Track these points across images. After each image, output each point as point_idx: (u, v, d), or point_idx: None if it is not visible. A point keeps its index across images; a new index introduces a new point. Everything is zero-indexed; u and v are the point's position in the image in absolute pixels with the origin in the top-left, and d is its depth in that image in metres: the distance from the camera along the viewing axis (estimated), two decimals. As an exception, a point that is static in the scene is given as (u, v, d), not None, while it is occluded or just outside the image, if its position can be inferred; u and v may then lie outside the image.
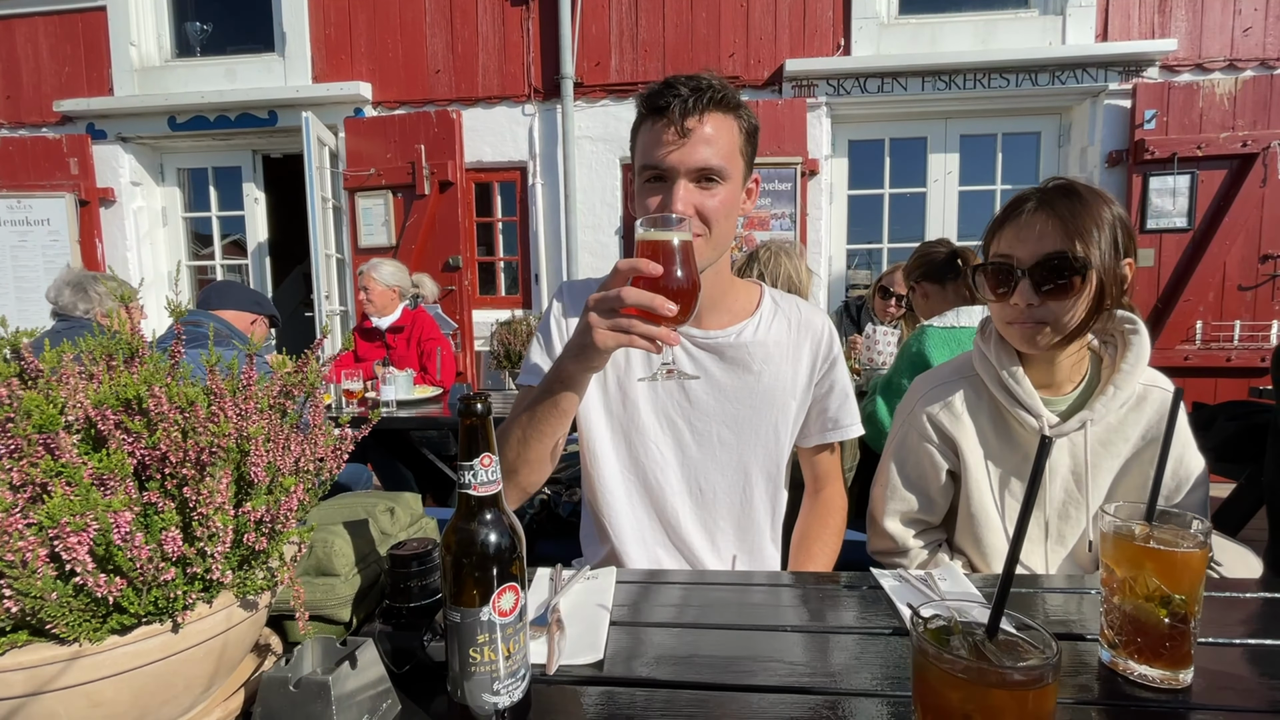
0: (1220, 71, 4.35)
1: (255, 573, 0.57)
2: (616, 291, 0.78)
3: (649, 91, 0.97)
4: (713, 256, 1.01)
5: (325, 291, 4.77)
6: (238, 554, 0.55)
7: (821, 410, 1.15)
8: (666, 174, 0.96)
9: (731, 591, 0.90)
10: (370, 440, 3.09)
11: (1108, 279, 0.95)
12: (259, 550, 0.55)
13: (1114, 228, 0.95)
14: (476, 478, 0.58)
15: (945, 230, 4.87)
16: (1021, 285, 0.97)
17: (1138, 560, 0.65)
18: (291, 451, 0.65)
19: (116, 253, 5.21)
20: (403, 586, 0.73)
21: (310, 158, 4.54)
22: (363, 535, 0.83)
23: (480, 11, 4.83)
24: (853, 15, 4.57)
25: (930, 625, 0.46)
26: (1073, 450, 1.05)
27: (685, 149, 0.94)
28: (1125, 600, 0.66)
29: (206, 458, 0.52)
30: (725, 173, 0.96)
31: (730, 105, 0.97)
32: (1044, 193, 0.99)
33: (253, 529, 0.55)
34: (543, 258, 4.98)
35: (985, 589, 0.89)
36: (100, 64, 5.11)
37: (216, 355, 0.59)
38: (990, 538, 1.07)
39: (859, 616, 0.81)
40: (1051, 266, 0.95)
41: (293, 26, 4.95)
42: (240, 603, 0.56)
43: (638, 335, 0.78)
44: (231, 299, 2.18)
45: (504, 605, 0.58)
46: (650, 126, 0.97)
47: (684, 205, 0.94)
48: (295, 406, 0.67)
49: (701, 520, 1.12)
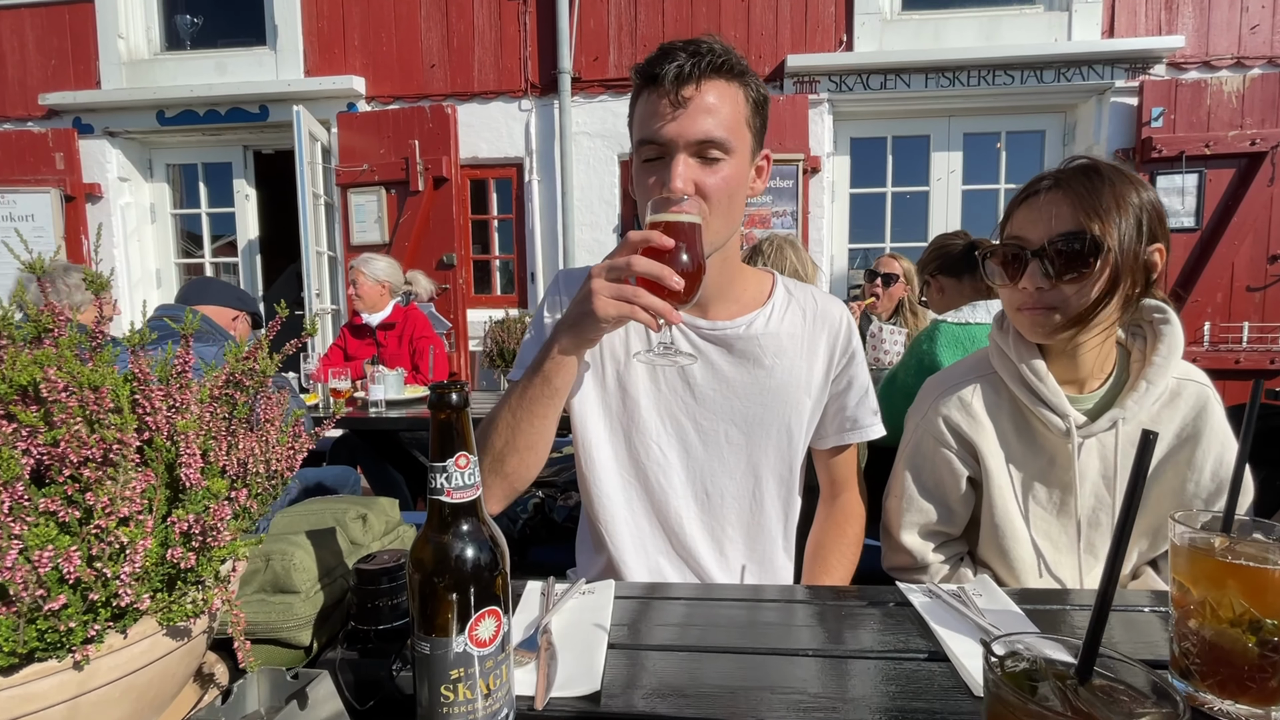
0: (1228, 69, 4.29)
1: (185, 595, 0.47)
2: (626, 259, 0.76)
3: (645, 60, 0.88)
4: (718, 239, 0.92)
5: (316, 289, 4.67)
6: (162, 572, 0.46)
7: (840, 409, 1.06)
8: (665, 148, 0.87)
9: (742, 609, 0.81)
10: (359, 442, 2.99)
11: (1126, 262, 0.87)
12: (187, 568, 0.46)
13: (1140, 210, 0.87)
14: (450, 481, 0.49)
15: (949, 229, 4.80)
16: (1030, 268, 0.90)
17: (1219, 578, 0.56)
18: (239, 451, 0.55)
19: (104, 249, 5.10)
20: (370, 606, 0.63)
21: (301, 152, 4.44)
22: (329, 546, 0.74)
23: (476, 5, 4.75)
24: (855, 11, 4.49)
25: (1009, 667, 0.37)
26: (1102, 452, 0.96)
27: (684, 119, 0.85)
28: (1205, 625, 0.57)
29: (114, 455, 0.42)
30: (729, 145, 0.87)
31: (734, 71, 0.88)
32: (1063, 171, 0.91)
33: (179, 543, 0.46)
34: (539, 256, 4.88)
35: (1024, 605, 0.80)
36: (87, 57, 5.00)
37: (143, 332, 0.50)
38: (1017, 549, 0.99)
39: (887, 638, 0.72)
40: (1061, 248, 0.87)
41: (284, 19, 4.86)
42: (166, 631, 0.47)
43: (641, 306, 0.76)
44: (211, 295, 2.08)
45: (482, 634, 0.49)
46: (646, 97, 0.89)
47: (683, 182, 0.85)
48: (247, 399, 0.58)
49: (708, 527, 1.03)
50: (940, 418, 1.02)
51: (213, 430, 0.54)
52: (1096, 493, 0.98)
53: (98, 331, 0.52)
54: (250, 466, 0.55)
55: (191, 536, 0.46)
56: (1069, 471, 0.97)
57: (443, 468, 0.49)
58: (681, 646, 0.71)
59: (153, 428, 0.47)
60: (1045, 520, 1.00)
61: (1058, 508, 0.99)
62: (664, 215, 0.80)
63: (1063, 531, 1.00)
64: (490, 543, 0.51)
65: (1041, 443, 0.99)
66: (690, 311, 1.00)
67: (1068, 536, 1.00)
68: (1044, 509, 1.00)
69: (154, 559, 0.46)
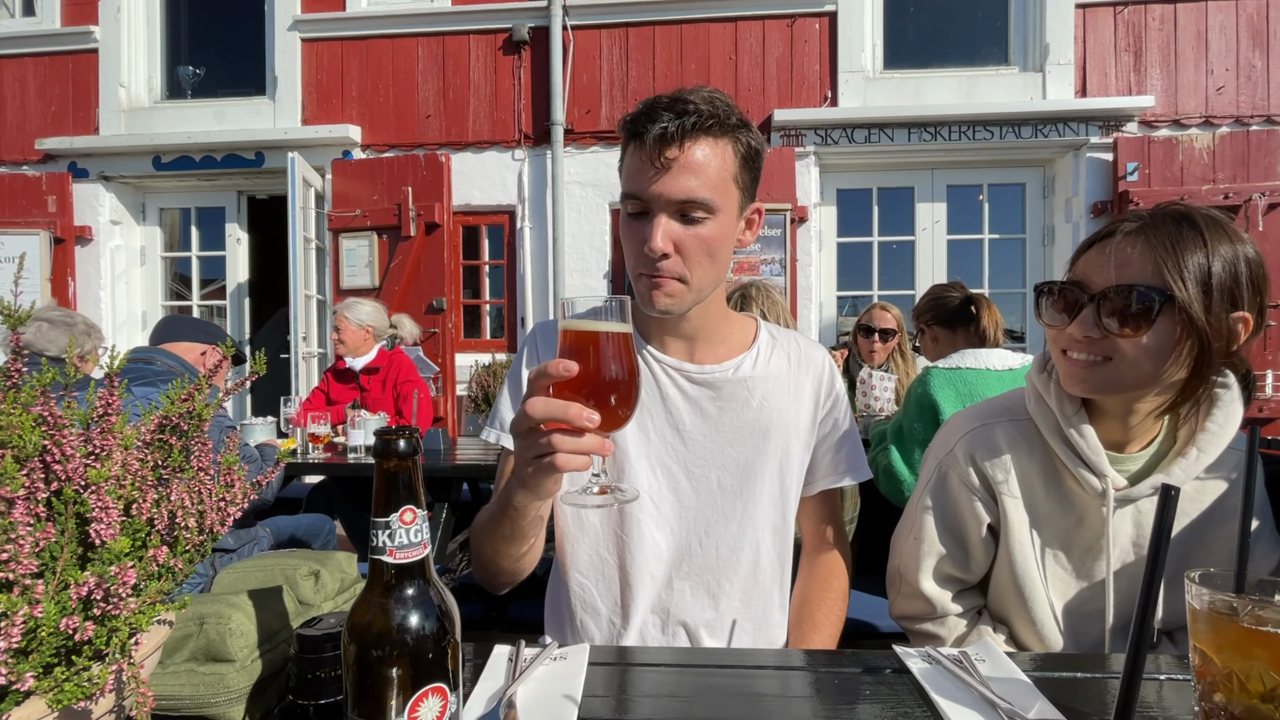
0: (1197, 127, 4.45)
1: (83, 672, 0.41)
2: (525, 408, 0.64)
3: (631, 115, 0.87)
4: (703, 292, 0.91)
5: (303, 333, 4.62)
6: (54, 644, 0.40)
7: (827, 451, 1.02)
8: (647, 205, 0.86)
9: (730, 677, 0.74)
10: (337, 489, 2.89)
11: (1199, 324, 0.76)
12: (83, 640, 0.40)
13: (1231, 266, 0.77)
14: (394, 539, 0.44)
15: (935, 278, 4.86)
16: (1084, 313, 0.82)
17: (1245, 647, 0.51)
18: (169, 503, 0.50)
19: (89, 291, 5.06)
20: (310, 677, 0.57)
21: (294, 198, 4.47)
22: (273, 607, 0.67)
23: (472, 59, 4.89)
24: (839, 68, 4.66)
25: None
26: (1137, 518, 0.90)
27: (666, 180, 0.84)
28: (1232, 700, 0.52)
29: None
30: (713, 205, 0.85)
31: (722, 129, 0.86)
32: (1149, 215, 0.82)
33: (76, 611, 0.40)
34: (529, 301, 4.88)
35: (1032, 672, 0.74)
36: (88, 104, 5.08)
37: (51, 373, 0.45)
38: (1036, 610, 0.92)
39: (884, 711, 0.66)
40: (1124, 296, 0.78)
41: (285, 70, 4.98)
42: (57, 715, 0.41)
43: (562, 458, 0.63)
44: (179, 333, 2.04)
45: (425, 715, 0.43)
46: (634, 151, 0.87)
47: (662, 242, 0.84)
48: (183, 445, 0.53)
49: (703, 583, 0.97)
50: (968, 457, 0.94)
51: (138, 480, 0.49)
52: (1124, 559, 0.91)
53: (13, 369, 0.47)
54: (180, 520, 0.50)
55: (92, 603, 0.40)
56: (1100, 535, 0.90)
57: (385, 524, 0.43)
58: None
59: (62, 477, 0.42)
60: (1064, 581, 0.93)
61: (1078, 570, 0.93)
62: (578, 323, 0.67)
63: (1084, 597, 0.93)
64: (439, 611, 0.45)
65: (1072, 500, 0.91)
66: (679, 355, 0.97)
67: (1090, 602, 0.93)
68: (1064, 570, 0.93)
69: (49, 628, 0.40)
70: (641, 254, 0.86)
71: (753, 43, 4.71)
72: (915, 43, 4.82)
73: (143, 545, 0.48)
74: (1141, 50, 4.50)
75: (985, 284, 4.85)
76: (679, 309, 0.90)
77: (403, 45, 4.92)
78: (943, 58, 4.79)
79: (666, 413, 0.96)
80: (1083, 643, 0.93)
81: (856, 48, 4.65)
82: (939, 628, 0.96)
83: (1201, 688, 0.55)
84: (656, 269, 0.86)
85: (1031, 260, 4.85)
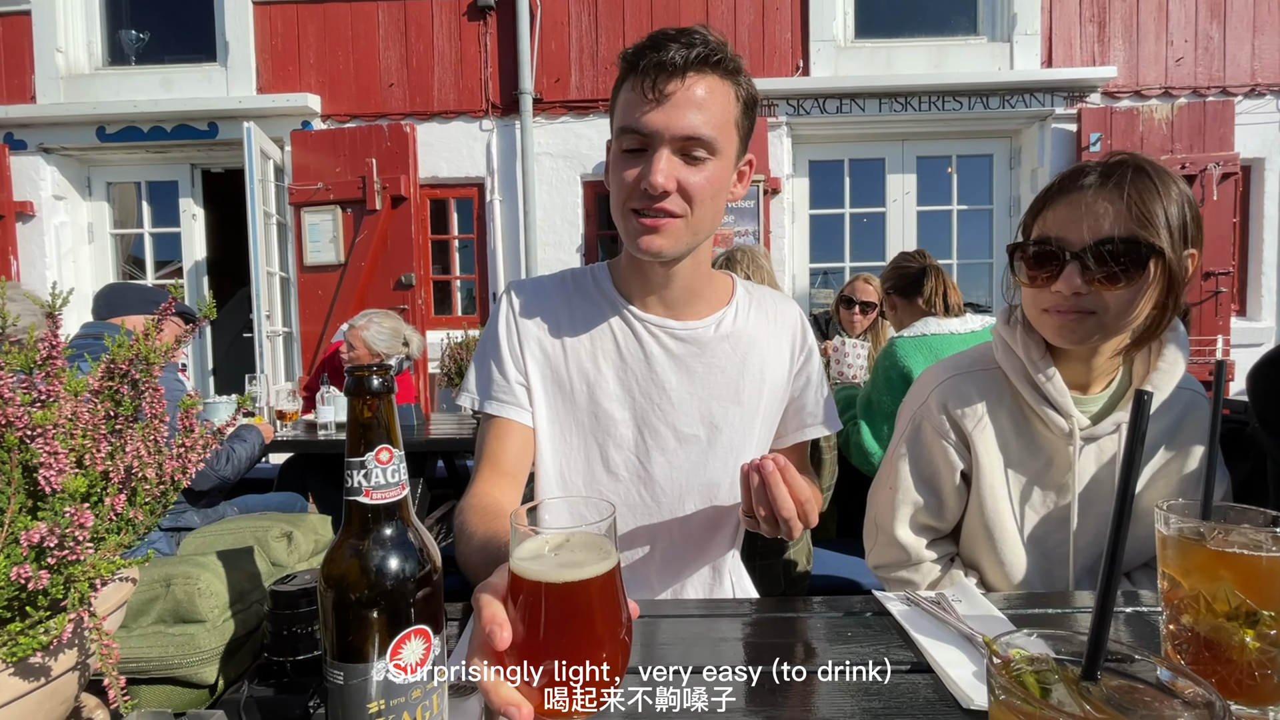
0: (1157, 98, 4.54)
1: (39, 625, 0.39)
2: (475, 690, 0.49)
3: (633, 46, 0.82)
4: (697, 239, 0.88)
5: (266, 311, 4.48)
6: (6, 596, 0.38)
7: (799, 406, 1.02)
8: (647, 139, 0.81)
9: (712, 624, 0.74)
10: (308, 465, 2.83)
11: (1177, 270, 0.81)
12: (37, 589, 0.38)
13: (1183, 209, 0.82)
14: (370, 479, 0.42)
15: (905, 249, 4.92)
16: (1068, 269, 0.83)
17: (1211, 569, 0.53)
18: (124, 455, 0.47)
19: (34, 271, 4.81)
20: (286, 633, 0.55)
21: (252, 170, 4.30)
22: (245, 569, 0.65)
23: (436, 25, 4.72)
24: (810, 37, 4.62)
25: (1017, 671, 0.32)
26: (1100, 457, 0.94)
27: (670, 110, 0.79)
28: (1199, 620, 0.53)
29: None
30: (716, 145, 0.82)
31: (728, 68, 0.83)
32: (1110, 168, 0.85)
33: (27, 559, 0.38)
34: (501, 276, 4.80)
35: (1008, 610, 0.76)
36: (22, 70, 4.78)
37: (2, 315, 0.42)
38: (1007, 553, 0.95)
39: (866, 650, 0.67)
40: (1111, 251, 0.81)
41: (236, 36, 4.73)
42: (14, 669, 0.39)
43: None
44: (127, 304, 1.93)
45: (407, 657, 0.42)
46: (632, 84, 0.82)
47: (665, 178, 0.79)
48: (132, 393, 0.50)
49: (688, 537, 0.97)
50: (940, 406, 0.98)
51: (89, 429, 0.46)
52: (1090, 498, 0.94)
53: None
54: (136, 471, 0.47)
55: (45, 551, 0.38)
56: (1067, 474, 0.93)
57: (360, 463, 0.42)
58: (636, 666, 0.64)
59: (1, 422, 0.40)
60: (1034, 523, 0.97)
61: (1050, 511, 0.96)
62: (536, 570, 0.43)
63: (1052, 535, 0.96)
64: (419, 551, 0.44)
65: (1041, 443, 0.95)
66: (661, 314, 0.94)
67: (1058, 540, 0.96)
68: (1036, 511, 0.96)
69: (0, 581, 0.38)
70: (636, 190, 0.81)
71: (724, 10, 4.64)
72: (886, 12, 4.81)
73: (99, 499, 0.45)
74: (1105, 21, 4.56)
75: (954, 255, 4.93)
76: (673, 253, 0.85)
77: (362, 10, 4.72)
78: (913, 27, 4.78)
79: (651, 372, 0.94)
80: (1052, 584, 0.97)
81: (828, 16, 4.61)
82: (914, 574, 0.99)
83: (1169, 611, 0.57)
84: (654, 208, 0.81)
85: (998, 231, 4.94)
